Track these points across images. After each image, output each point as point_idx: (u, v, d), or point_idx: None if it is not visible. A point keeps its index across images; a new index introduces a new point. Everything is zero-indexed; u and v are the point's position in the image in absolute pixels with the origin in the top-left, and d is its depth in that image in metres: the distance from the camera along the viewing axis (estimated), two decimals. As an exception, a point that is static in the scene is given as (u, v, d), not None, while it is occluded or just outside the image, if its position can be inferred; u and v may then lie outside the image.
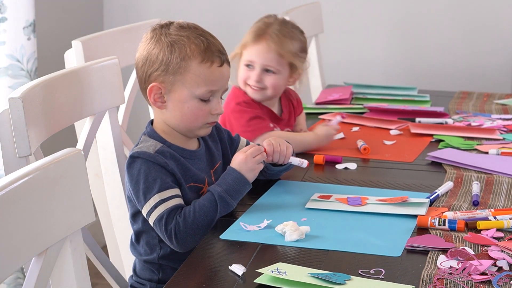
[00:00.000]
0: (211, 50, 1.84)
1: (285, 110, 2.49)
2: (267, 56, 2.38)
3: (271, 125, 2.38)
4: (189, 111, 1.84)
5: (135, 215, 1.86)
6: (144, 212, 1.79)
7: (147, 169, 1.79)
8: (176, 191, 1.80)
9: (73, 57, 2.23)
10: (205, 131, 1.89)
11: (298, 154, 2.12)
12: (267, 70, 2.38)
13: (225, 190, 1.80)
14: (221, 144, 1.99)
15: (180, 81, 1.83)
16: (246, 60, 2.40)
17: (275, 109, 2.47)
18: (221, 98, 1.89)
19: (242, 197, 1.87)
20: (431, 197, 1.91)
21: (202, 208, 1.78)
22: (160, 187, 1.78)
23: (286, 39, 2.40)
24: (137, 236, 1.88)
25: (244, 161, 1.85)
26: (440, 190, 1.95)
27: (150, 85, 1.84)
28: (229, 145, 2.01)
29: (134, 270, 1.92)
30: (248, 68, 2.40)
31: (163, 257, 1.85)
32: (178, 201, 1.79)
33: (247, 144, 2.04)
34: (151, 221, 1.78)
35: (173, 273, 1.55)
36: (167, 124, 1.87)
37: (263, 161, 1.92)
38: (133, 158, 1.81)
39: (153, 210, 1.77)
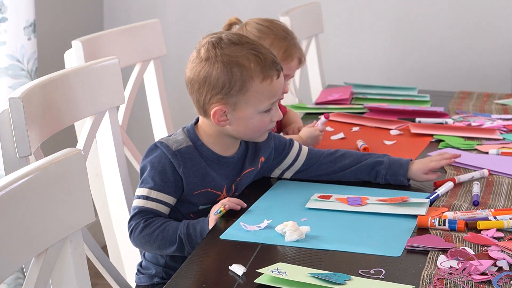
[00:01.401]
0: (269, 65, 1.84)
1: None
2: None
3: None
4: (253, 125, 1.86)
5: None
6: (135, 193, 1.85)
7: (158, 163, 1.82)
8: (167, 198, 1.83)
9: (73, 57, 2.23)
10: (264, 137, 1.92)
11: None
12: None
13: (187, 234, 1.79)
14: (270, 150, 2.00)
15: (244, 101, 1.83)
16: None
17: None
18: None
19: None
20: (431, 197, 1.91)
21: (165, 231, 1.80)
22: (155, 186, 1.82)
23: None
24: None
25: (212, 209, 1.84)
26: (440, 190, 1.96)
27: (214, 109, 1.83)
28: (279, 151, 2.02)
29: (144, 255, 1.95)
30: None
31: None
32: (159, 207, 1.82)
33: (300, 148, 2.05)
34: (132, 204, 1.84)
35: (179, 260, 1.55)
36: (224, 133, 1.88)
37: None
38: (155, 146, 1.85)
39: (137, 198, 1.83)
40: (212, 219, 1.79)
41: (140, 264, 1.96)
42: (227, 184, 1.90)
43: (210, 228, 1.76)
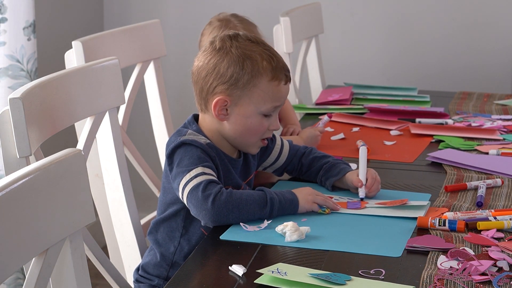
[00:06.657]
0: (280, 68, 1.84)
1: None
2: None
3: None
4: (251, 126, 1.84)
5: (169, 202, 1.86)
6: (183, 182, 1.76)
7: (197, 152, 1.79)
8: (216, 177, 1.79)
9: (73, 58, 2.23)
10: (256, 149, 1.90)
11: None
12: None
13: (278, 200, 1.79)
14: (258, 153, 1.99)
15: (247, 96, 1.82)
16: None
17: None
18: None
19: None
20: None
21: (250, 196, 1.76)
22: (204, 165, 1.78)
23: None
24: (159, 223, 1.89)
25: (307, 191, 1.84)
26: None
27: (217, 98, 1.83)
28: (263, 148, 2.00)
29: (142, 265, 1.92)
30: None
31: (179, 251, 1.86)
32: (218, 182, 1.78)
33: (282, 145, 2.03)
34: (187, 188, 1.76)
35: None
36: (221, 133, 1.87)
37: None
38: (184, 144, 1.80)
39: (194, 178, 1.76)
40: (309, 207, 1.81)
41: (138, 272, 1.94)
42: (243, 184, 1.89)
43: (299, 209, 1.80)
